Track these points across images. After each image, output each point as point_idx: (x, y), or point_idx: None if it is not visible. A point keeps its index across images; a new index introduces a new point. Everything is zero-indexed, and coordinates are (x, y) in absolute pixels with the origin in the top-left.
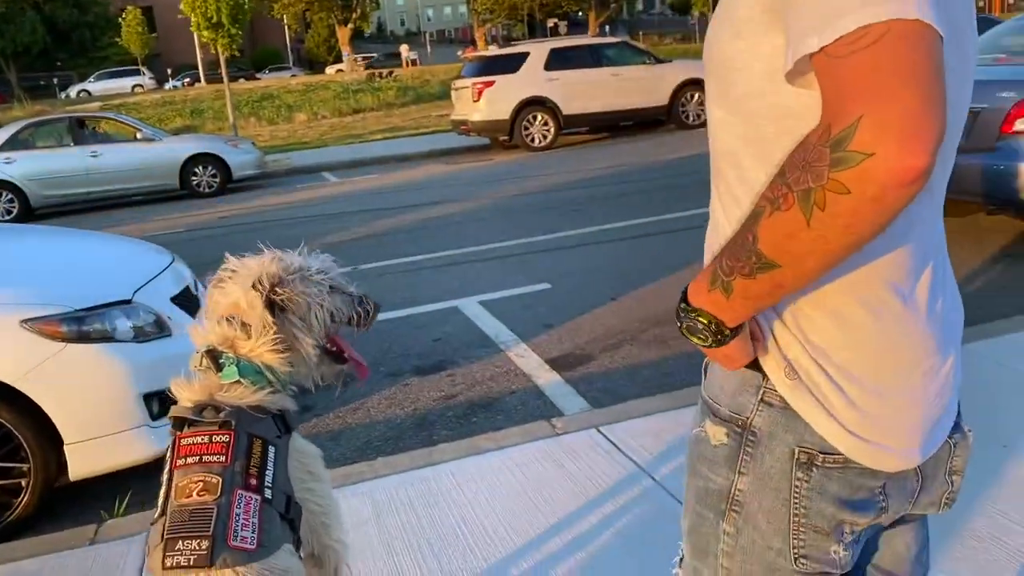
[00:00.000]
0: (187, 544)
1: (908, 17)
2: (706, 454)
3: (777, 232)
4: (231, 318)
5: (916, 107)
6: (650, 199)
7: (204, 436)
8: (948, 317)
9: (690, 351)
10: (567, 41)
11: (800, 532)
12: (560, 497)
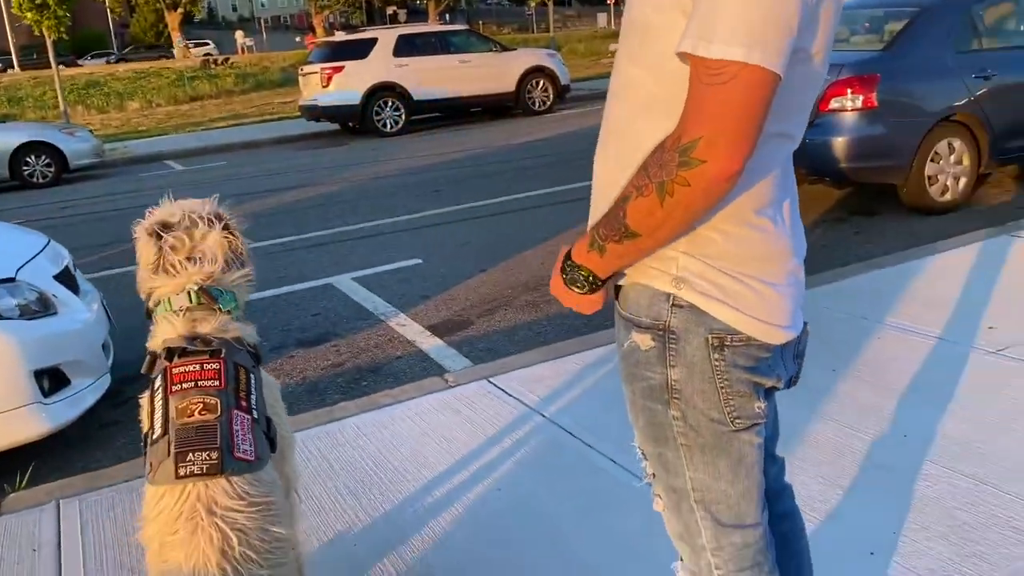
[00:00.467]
0: (198, 456)
1: (758, 64)
2: (640, 359)
3: (640, 211)
4: (210, 256)
5: (739, 138)
6: (506, 180)
7: (195, 364)
8: (799, 236)
9: (561, 313)
10: (414, 28)
11: (729, 399)
12: (461, 438)
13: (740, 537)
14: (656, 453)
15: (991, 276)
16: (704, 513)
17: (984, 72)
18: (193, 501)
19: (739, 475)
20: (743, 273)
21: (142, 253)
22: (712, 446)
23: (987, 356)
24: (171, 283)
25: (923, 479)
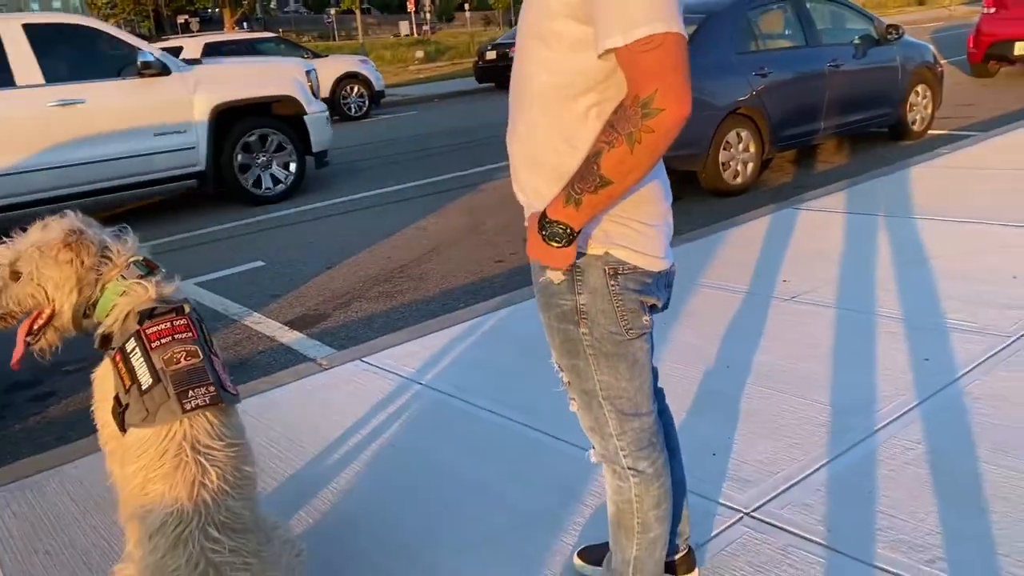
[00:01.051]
0: (197, 391)
1: (674, 31)
2: (554, 291)
3: (612, 161)
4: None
5: (683, 85)
6: (339, 182)
7: (166, 323)
8: (666, 187)
9: (414, 300)
10: (221, 36)
11: (624, 315)
12: (349, 410)
13: (638, 423)
14: (570, 364)
15: (781, 241)
16: (610, 407)
17: (762, 70)
18: (179, 440)
19: (635, 374)
20: (629, 217)
21: (61, 266)
22: (613, 353)
23: (784, 302)
24: (117, 265)
25: (746, 397)
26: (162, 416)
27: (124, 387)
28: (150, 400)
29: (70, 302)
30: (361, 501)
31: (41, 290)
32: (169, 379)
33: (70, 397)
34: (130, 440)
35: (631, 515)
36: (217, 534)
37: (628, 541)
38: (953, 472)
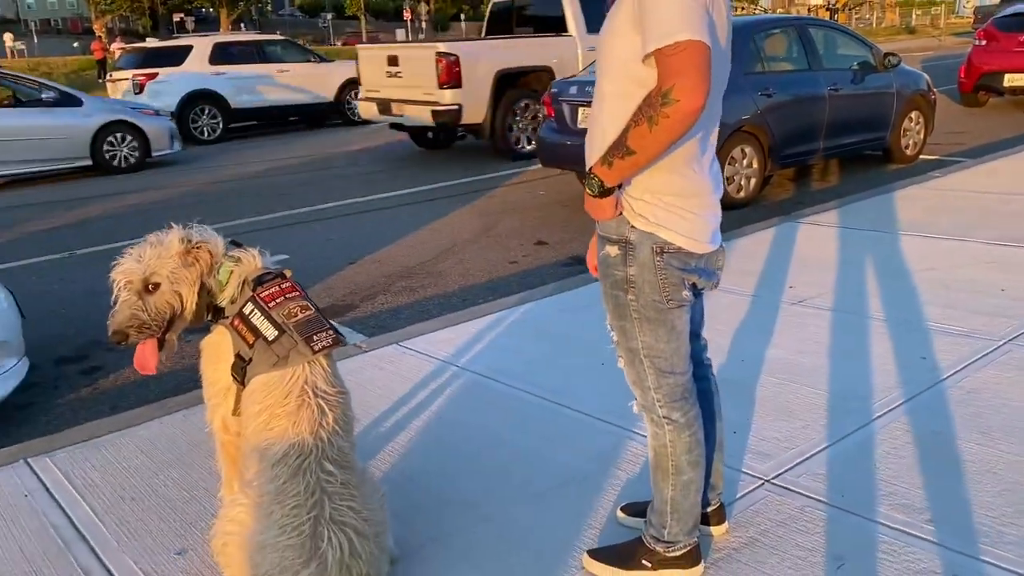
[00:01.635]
0: (320, 336)
1: (697, 39)
2: (610, 263)
3: (636, 136)
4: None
5: (698, 83)
6: (353, 183)
7: (275, 286)
8: (717, 181)
9: (436, 294)
10: (231, 36)
11: (666, 287)
12: (393, 387)
13: (673, 379)
14: (619, 326)
15: (785, 252)
16: (650, 364)
17: (767, 90)
18: (301, 383)
19: (672, 338)
20: (676, 205)
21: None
22: (655, 319)
23: (791, 306)
24: (218, 252)
25: (760, 386)
26: (293, 359)
27: (248, 344)
28: (279, 347)
29: (198, 297)
30: (418, 462)
31: (177, 295)
32: (293, 328)
33: (118, 371)
34: (254, 386)
35: (666, 458)
36: (331, 467)
37: (665, 483)
38: (947, 451)
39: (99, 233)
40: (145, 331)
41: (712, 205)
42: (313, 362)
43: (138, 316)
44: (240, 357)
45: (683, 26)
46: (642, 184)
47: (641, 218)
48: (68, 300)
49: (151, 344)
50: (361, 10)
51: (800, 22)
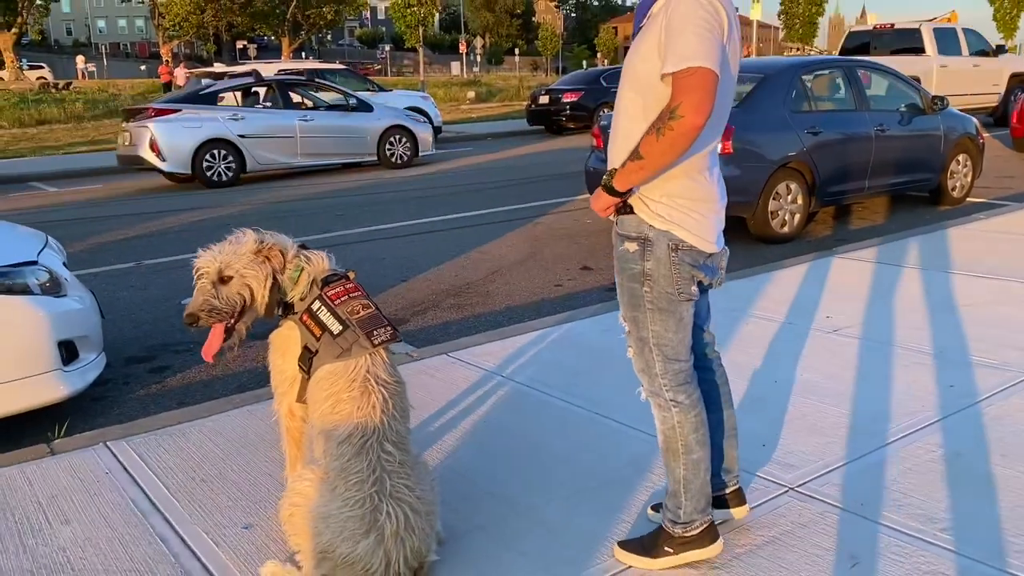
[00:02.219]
0: (380, 331)
1: (706, 66)
2: (628, 258)
3: (646, 144)
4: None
5: (702, 104)
6: (406, 207)
7: (340, 286)
8: (722, 190)
9: (484, 312)
10: (296, 64)
11: (678, 281)
12: (442, 393)
13: (678, 366)
14: (632, 316)
15: (823, 284)
16: (658, 352)
17: (813, 128)
18: (363, 372)
19: (679, 329)
20: (689, 208)
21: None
22: (665, 309)
23: (827, 334)
24: (290, 255)
25: (791, 405)
26: (356, 351)
27: (315, 337)
28: (343, 340)
29: (267, 292)
30: (464, 460)
31: (247, 287)
32: (356, 324)
33: (184, 372)
34: (320, 375)
35: (675, 439)
36: (391, 448)
37: (676, 463)
38: (966, 470)
39: (166, 244)
40: (215, 316)
41: (719, 211)
42: (374, 354)
43: (210, 303)
44: (307, 349)
45: (698, 54)
46: (660, 188)
47: (659, 218)
48: (146, 304)
49: (218, 330)
50: (420, 42)
51: (848, 63)
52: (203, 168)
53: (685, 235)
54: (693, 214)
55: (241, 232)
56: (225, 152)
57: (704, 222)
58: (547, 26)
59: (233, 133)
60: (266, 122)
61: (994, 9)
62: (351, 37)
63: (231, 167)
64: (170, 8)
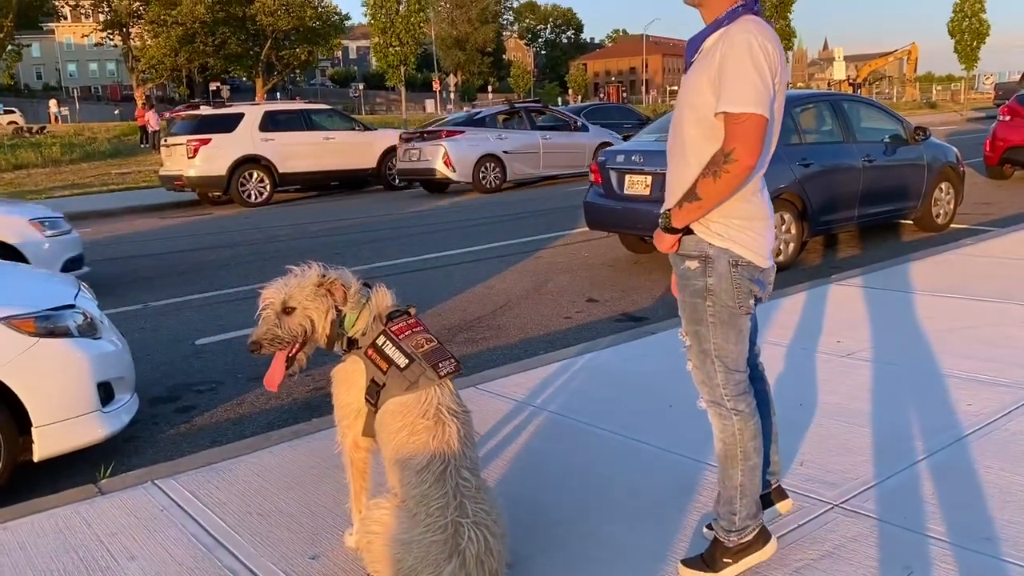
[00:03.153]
0: (445, 364)
1: (758, 113)
2: (690, 275)
3: (703, 186)
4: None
5: (754, 149)
6: (403, 244)
7: (402, 322)
8: (771, 208)
9: (497, 345)
10: (280, 105)
11: (739, 295)
12: (477, 423)
13: (738, 376)
14: (694, 330)
15: (829, 309)
16: (720, 363)
17: (804, 160)
18: (435, 403)
19: (739, 341)
20: (745, 226)
21: (321, 306)
22: (727, 322)
23: (840, 358)
24: (353, 292)
25: (819, 426)
26: (423, 383)
27: (382, 371)
28: (410, 373)
29: (328, 325)
30: (512, 487)
31: (308, 319)
32: (422, 357)
33: (211, 410)
34: (391, 407)
35: (735, 446)
36: (468, 474)
37: (734, 470)
38: (996, 484)
39: (166, 287)
40: (276, 345)
41: (770, 228)
42: (442, 385)
43: (273, 332)
44: (374, 382)
45: (751, 100)
46: (718, 210)
47: (718, 236)
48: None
49: (280, 360)
50: (401, 81)
51: (834, 97)
52: (479, 178)
53: (743, 251)
54: (749, 232)
55: (307, 265)
56: (494, 165)
57: (759, 239)
58: (518, 63)
59: (499, 150)
60: (521, 140)
61: (955, 41)
62: (323, 77)
63: (497, 177)
64: (144, 51)
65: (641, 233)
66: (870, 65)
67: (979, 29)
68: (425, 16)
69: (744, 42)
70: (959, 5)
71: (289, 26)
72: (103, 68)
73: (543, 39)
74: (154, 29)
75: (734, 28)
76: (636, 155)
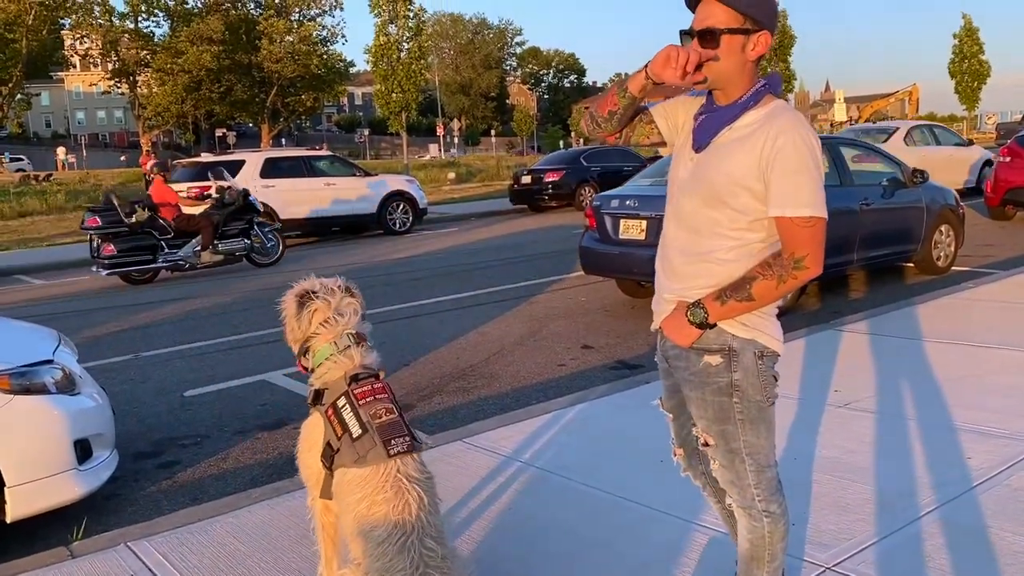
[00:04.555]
0: (398, 440)
1: (824, 216)
2: (712, 372)
3: (762, 287)
4: (350, 312)
5: (821, 256)
6: (400, 290)
7: (368, 385)
8: None
9: (490, 394)
10: (281, 152)
11: (766, 387)
12: (461, 480)
13: (771, 472)
14: (720, 430)
15: (827, 357)
16: (751, 461)
17: None
18: (394, 473)
19: (769, 433)
20: (768, 314)
21: (290, 312)
22: (757, 418)
23: (837, 408)
24: (331, 332)
25: (814, 483)
26: (372, 458)
27: (337, 435)
28: (360, 446)
29: (294, 342)
30: (494, 548)
31: (289, 329)
32: (375, 430)
33: (194, 465)
34: (349, 476)
35: (763, 548)
36: (432, 543)
37: (759, 570)
38: (998, 544)
39: (162, 335)
40: (292, 343)
41: (775, 311)
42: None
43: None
44: (329, 446)
45: (817, 203)
46: None
47: (743, 327)
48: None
49: None
50: (403, 127)
51: (831, 141)
52: None
53: (768, 341)
54: (770, 319)
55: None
56: None
57: (777, 325)
58: (521, 108)
59: None
60: None
61: (955, 82)
62: (329, 123)
63: None
64: (151, 99)
65: (637, 278)
66: (872, 106)
67: (979, 70)
68: (426, 63)
69: (805, 139)
70: (958, 47)
71: (295, 73)
72: (111, 115)
73: (546, 83)
74: (161, 77)
75: (787, 118)
76: (631, 200)
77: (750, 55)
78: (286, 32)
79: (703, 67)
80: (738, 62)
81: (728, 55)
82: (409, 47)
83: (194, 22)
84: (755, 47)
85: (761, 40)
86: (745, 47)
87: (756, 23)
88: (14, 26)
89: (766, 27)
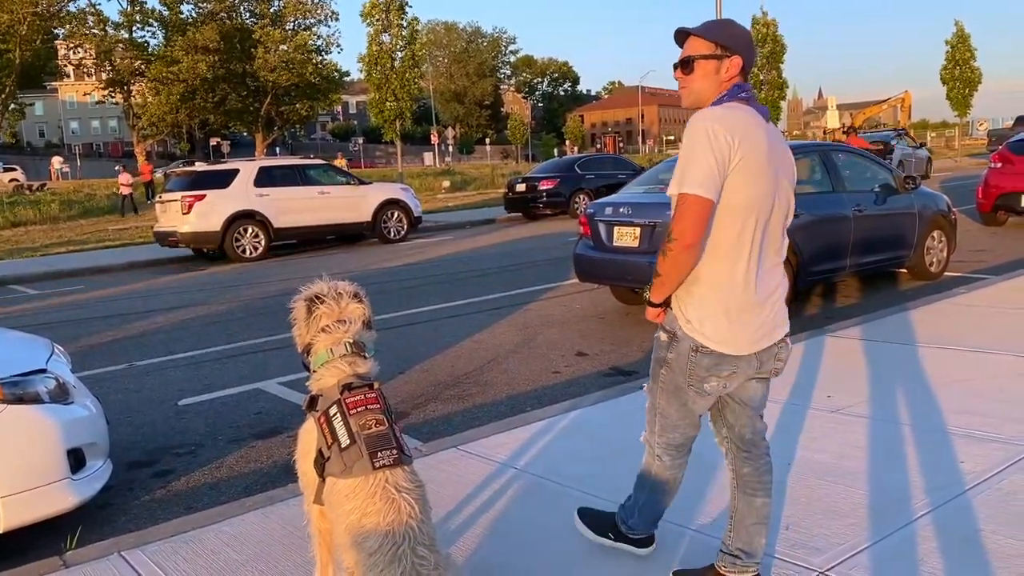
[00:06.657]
0: (384, 453)
1: (697, 193)
2: (658, 345)
3: (659, 263)
4: (354, 319)
5: (689, 226)
6: (396, 298)
7: (360, 395)
8: (765, 293)
9: (484, 402)
10: (275, 160)
11: (691, 376)
12: (456, 488)
13: (675, 435)
14: (650, 387)
15: (820, 363)
16: (661, 419)
17: (795, 211)
18: (383, 483)
19: (683, 414)
20: (721, 319)
21: (299, 316)
22: (672, 393)
23: (830, 414)
24: (329, 338)
25: (807, 487)
26: (357, 471)
27: (327, 443)
28: (348, 456)
29: (299, 345)
30: (491, 555)
31: (297, 331)
32: (363, 441)
33: (189, 474)
34: (341, 486)
35: (648, 475)
36: (424, 551)
37: (642, 490)
38: (990, 547)
39: (155, 345)
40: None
41: (754, 319)
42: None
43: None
44: (321, 453)
45: (692, 181)
46: (698, 298)
47: (687, 323)
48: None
49: None
50: (397, 135)
51: (824, 148)
52: None
53: (704, 340)
54: (723, 324)
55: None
56: None
57: (734, 330)
58: (515, 116)
59: None
60: None
61: (947, 88)
62: (323, 131)
63: None
64: (146, 109)
65: (630, 285)
66: (864, 113)
67: (971, 77)
68: (420, 72)
69: (697, 128)
70: (950, 54)
71: (289, 82)
72: (105, 125)
73: (540, 91)
74: (155, 86)
75: (695, 115)
76: (625, 207)
77: (723, 76)
78: (281, 41)
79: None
80: (713, 83)
81: (703, 78)
82: (403, 56)
83: (189, 31)
84: (727, 70)
85: (733, 63)
86: (719, 70)
87: (727, 49)
88: (8, 36)
89: (737, 52)
